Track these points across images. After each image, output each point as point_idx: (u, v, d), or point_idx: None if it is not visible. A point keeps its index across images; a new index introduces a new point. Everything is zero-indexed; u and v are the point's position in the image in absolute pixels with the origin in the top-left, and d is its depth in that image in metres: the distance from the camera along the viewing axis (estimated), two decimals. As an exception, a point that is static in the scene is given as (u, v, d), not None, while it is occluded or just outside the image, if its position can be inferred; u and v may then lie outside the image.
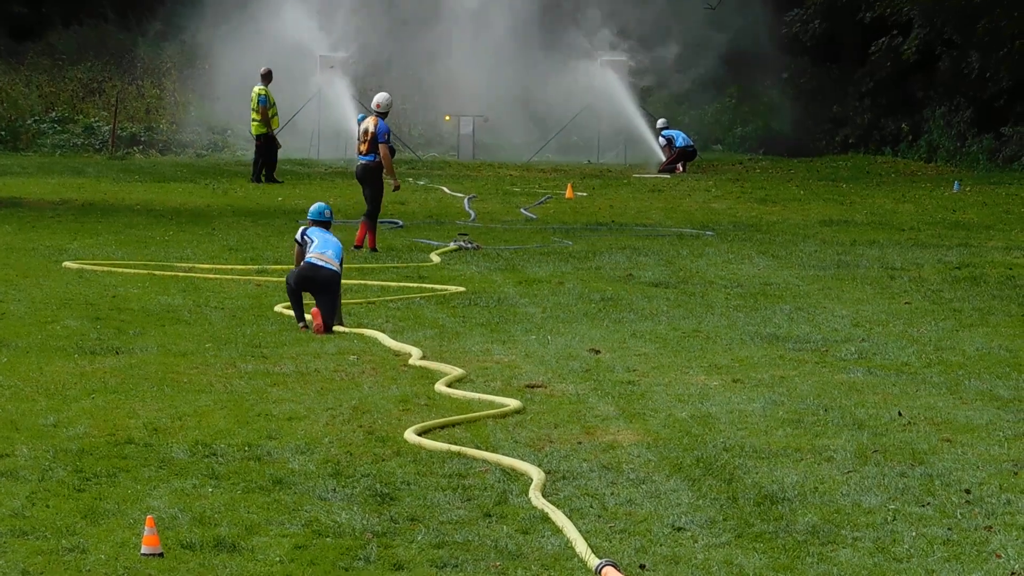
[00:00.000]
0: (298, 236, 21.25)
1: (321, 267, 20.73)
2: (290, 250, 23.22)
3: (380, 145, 29.35)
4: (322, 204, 21.75)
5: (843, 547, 11.90)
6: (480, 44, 53.84)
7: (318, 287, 20.78)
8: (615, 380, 17.65)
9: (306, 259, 20.84)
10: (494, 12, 55.03)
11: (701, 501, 13.02)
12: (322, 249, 20.81)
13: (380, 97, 30.32)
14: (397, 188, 30.10)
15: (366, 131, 29.75)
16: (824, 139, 50.75)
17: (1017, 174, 43.31)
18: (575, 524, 12.12)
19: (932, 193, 40.32)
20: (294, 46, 49.43)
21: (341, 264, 21.10)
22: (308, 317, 20.63)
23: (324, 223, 21.45)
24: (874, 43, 48.98)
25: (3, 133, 49.91)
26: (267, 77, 43.24)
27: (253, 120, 43.39)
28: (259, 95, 42.73)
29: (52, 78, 53.36)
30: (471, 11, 54.75)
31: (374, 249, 29.29)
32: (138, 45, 52.44)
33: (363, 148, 29.91)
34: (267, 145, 42.73)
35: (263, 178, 41.88)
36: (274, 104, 43.14)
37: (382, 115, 29.78)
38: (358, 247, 29.28)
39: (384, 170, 29.46)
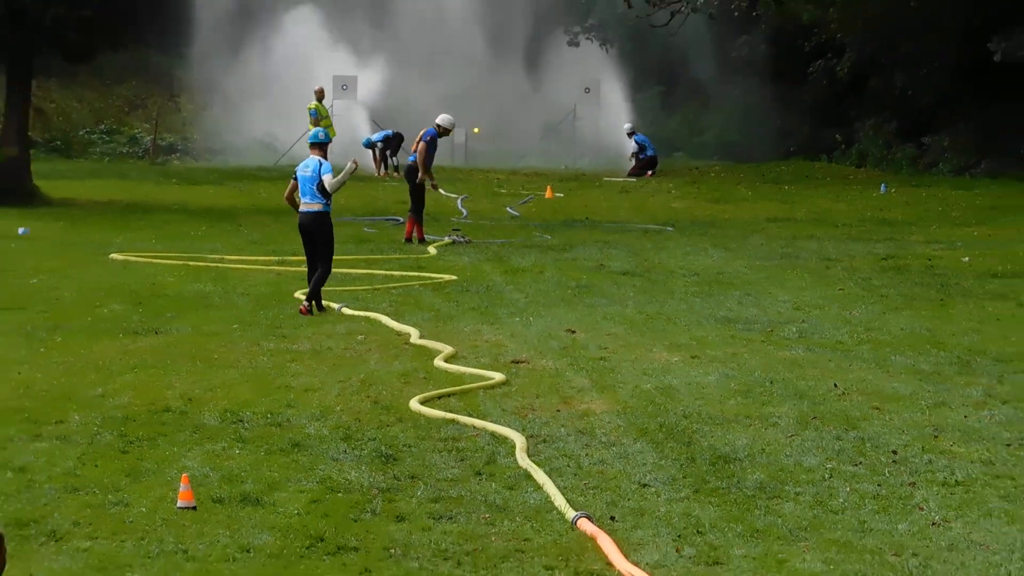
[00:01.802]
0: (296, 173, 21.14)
1: (301, 213, 20.77)
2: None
3: (419, 142, 29.41)
4: (317, 128, 21.59)
5: (787, 501, 11.91)
6: (471, 66, 53.81)
7: (304, 233, 20.85)
8: (589, 356, 17.65)
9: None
10: (485, 39, 55.05)
11: (663, 461, 13.04)
12: (302, 196, 20.75)
13: (441, 117, 30.44)
14: (433, 186, 29.72)
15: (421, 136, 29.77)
16: (770, 147, 50.68)
17: (935, 178, 43.35)
18: (554, 481, 12.16)
19: (863, 194, 40.33)
20: (310, 68, 49.32)
21: (319, 188, 20.61)
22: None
23: (313, 145, 21.25)
24: (812, 65, 48.94)
25: (58, 142, 49.83)
26: (319, 94, 43.05)
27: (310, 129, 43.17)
28: (311, 109, 42.57)
29: (101, 95, 53.27)
30: (463, 37, 54.73)
31: (422, 240, 29.02)
32: (174, 66, 52.26)
33: (413, 148, 29.98)
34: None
35: None
36: (326, 116, 42.87)
37: (438, 128, 29.86)
38: (408, 240, 29.17)
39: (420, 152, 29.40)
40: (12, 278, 23.24)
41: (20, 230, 28.76)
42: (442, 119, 30.12)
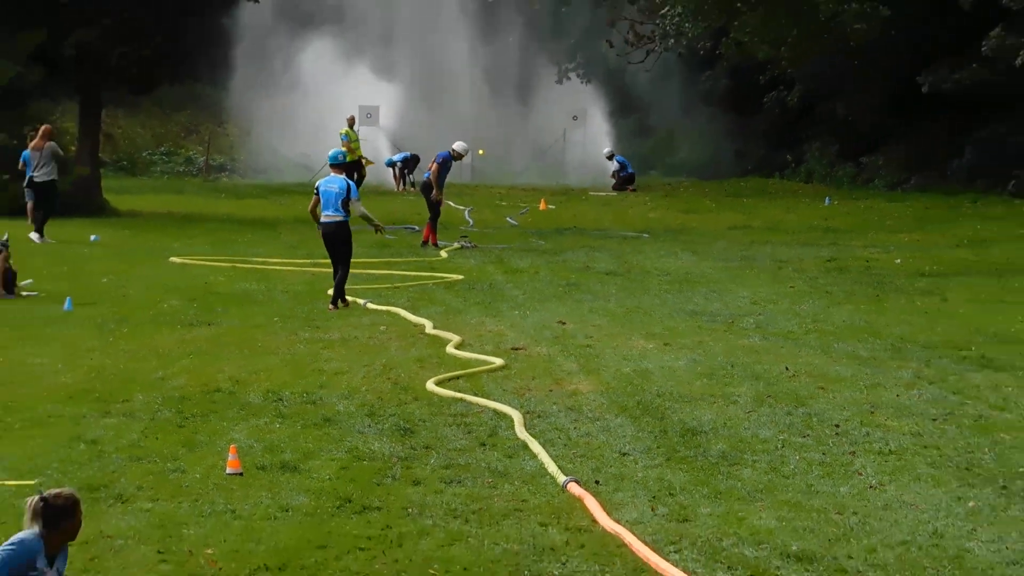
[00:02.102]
0: (315, 187, 21.07)
1: (324, 223, 20.64)
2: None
3: (433, 163, 29.44)
4: (336, 150, 21.63)
5: (745, 467, 11.93)
6: (475, 99, 53.86)
7: (328, 241, 20.69)
8: (577, 344, 17.66)
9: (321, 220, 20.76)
10: (486, 75, 55.11)
11: (640, 434, 13.05)
12: (324, 208, 20.64)
13: (457, 144, 30.44)
14: (437, 200, 29.69)
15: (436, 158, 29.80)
16: (730, 166, 50.76)
17: (872, 192, 43.38)
18: (547, 451, 12.19)
19: (810, 206, 40.35)
20: (339, 97, 49.30)
21: (343, 203, 20.58)
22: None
23: (334, 165, 21.18)
24: (766, 96, 48.96)
25: (125, 163, 49.93)
26: (351, 121, 42.90)
27: (352, 156, 42.83)
28: (342, 134, 42.44)
29: (161, 122, 53.33)
30: (464, 75, 54.78)
31: (435, 245, 29.00)
32: (222, 97, 52.28)
33: (428, 167, 30.01)
34: (352, 170, 42.13)
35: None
36: (356, 140, 42.68)
37: (452, 152, 29.87)
38: (424, 244, 29.17)
39: (433, 171, 29.44)
40: (85, 278, 23.27)
41: (92, 237, 28.81)
42: (457, 145, 30.19)
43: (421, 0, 55.20)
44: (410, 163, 45.35)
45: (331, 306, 20.46)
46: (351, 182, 21.21)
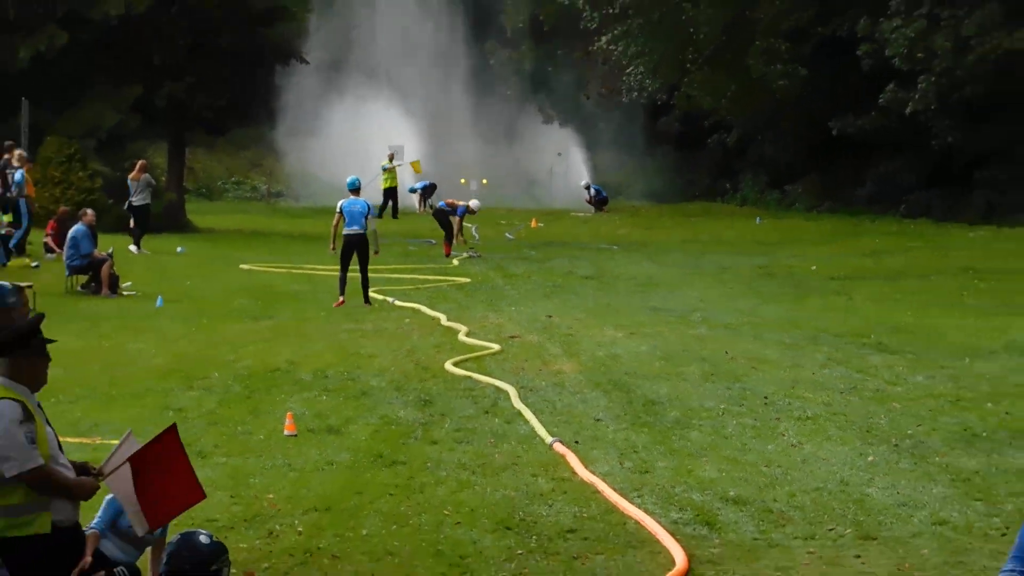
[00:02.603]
0: (338, 207, 20.68)
1: (349, 235, 20.25)
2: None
3: (453, 217, 29.40)
4: (354, 177, 21.58)
5: (693, 430, 11.95)
6: (477, 138, 53.83)
7: (354, 247, 20.29)
8: (561, 333, 17.67)
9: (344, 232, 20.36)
10: (482, 117, 55.04)
11: (611, 404, 13.07)
12: (349, 224, 20.27)
13: (473, 203, 30.85)
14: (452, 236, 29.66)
15: (453, 203, 29.85)
16: (682, 193, 50.68)
17: (794, 213, 43.27)
18: (537, 418, 12.20)
19: (745, 225, 40.27)
20: (372, 135, 49.24)
21: (367, 219, 20.42)
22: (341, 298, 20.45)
23: (354, 190, 20.80)
24: (710, 137, 48.92)
25: (204, 190, 49.83)
26: (391, 156, 42.67)
27: (384, 179, 42.68)
28: (383, 165, 42.18)
29: (232, 157, 53.09)
30: (465, 119, 54.68)
31: (448, 255, 28.73)
32: (280, 136, 52.16)
33: (448, 202, 29.96)
34: (389, 197, 41.94)
35: (382, 214, 40.92)
36: (394, 170, 42.32)
37: (468, 208, 30.12)
38: (447, 256, 28.80)
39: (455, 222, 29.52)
40: (173, 281, 23.26)
41: (178, 249, 28.80)
42: (473, 203, 30.66)
43: (435, 57, 55.02)
44: (428, 190, 45.25)
45: (366, 305, 20.48)
46: (370, 204, 21.04)
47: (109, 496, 7.10)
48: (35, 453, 6.07)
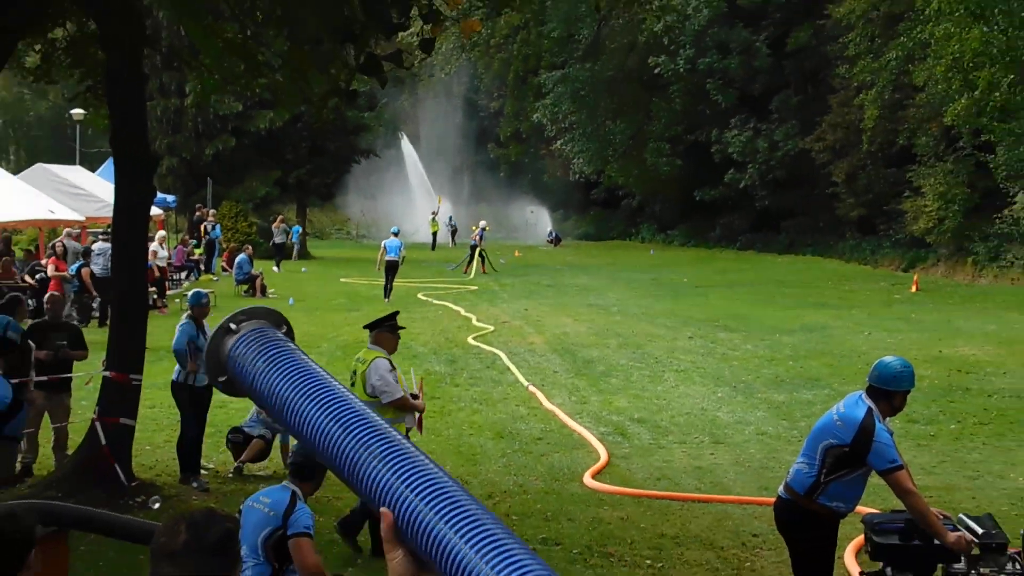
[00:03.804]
0: (382, 245, 20.89)
1: (389, 260, 20.30)
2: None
3: (473, 248, 28.58)
4: (395, 227, 21.47)
5: (612, 378, 11.92)
6: (481, 198, 52.96)
7: (390, 268, 20.29)
8: (533, 320, 17.54)
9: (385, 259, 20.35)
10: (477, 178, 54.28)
11: (565, 363, 13.01)
12: (388, 254, 20.33)
13: (482, 223, 29.94)
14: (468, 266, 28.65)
15: (474, 237, 28.62)
16: (605, 235, 50.17)
17: (674, 247, 42.85)
18: (519, 371, 12.14)
19: (642, 254, 40.04)
20: (415, 193, 48.57)
21: (398, 253, 20.39)
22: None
23: (394, 234, 20.89)
24: (622, 201, 48.48)
25: (318, 233, 47.59)
26: (434, 212, 42.01)
27: (433, 229, 41.56)
28: (433, 213, 41.33)
29: (336, 212, 51.34)
30: (475, 187, 53.96)
31: (466, 272, 27.85)
32: (356, 197, 50.76)
33: (473, 237, 28.86)
34: (434, 236, 41.30)
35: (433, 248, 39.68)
36: (435, 220, 41.70)
37: (484, 228, 29.43)
38: (465, 273, 27.93)
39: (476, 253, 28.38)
40: (300, 288, 23.00)
41: (302, 269, 28.63)
42: (482, 223, 29.80)
43: (456, 152, 54.30)
44: (457, 230, 44.89)
45: (385, 299, 19.91)
46: (401, 243, 20.82)
47: None
48: (398, 388, 6.12)
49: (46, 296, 9.49)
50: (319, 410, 1.24)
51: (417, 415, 6.30)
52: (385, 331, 6.33)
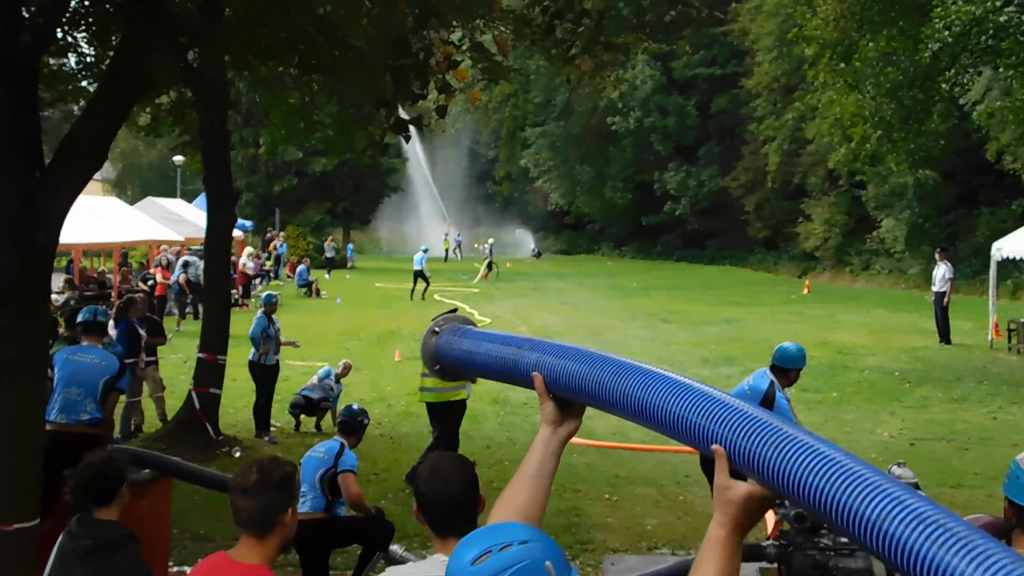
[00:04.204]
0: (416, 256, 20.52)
1: (417, 270, 20.10)
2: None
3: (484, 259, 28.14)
4: (425, 246, 21.18)
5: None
6: (481, 224, 52.31)
7: (415, 276, 20.04)
8: (521, 314, 17.45)
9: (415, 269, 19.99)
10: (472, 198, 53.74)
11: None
12: (415, 264, 20.19)
13: (491, 240, 29.49)
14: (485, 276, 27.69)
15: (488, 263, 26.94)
16: (573, 251, 49.52)
17: (625, 260, 42.34)
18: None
19: (602, 266, 39.86)
20: (433, 218, 48.16)
21: (422, 264, 20.13)
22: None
23: (423, 251, 20.67)
24: (587, 226, 47.92)
25: (359, 248, 46.02)
26: (447, 233, 41.55)
27: (445, 246, 41.10)
28: (446, 234, 40.76)
29: (373, 232, 49.20)
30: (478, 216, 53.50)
31: (485, 279, 27.39)
32: (395, 225, 50.28)
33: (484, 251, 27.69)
34: (446, 252, 40.56)
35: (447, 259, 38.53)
36: (447, 241, 41.16)
37: (491, 245, 28.88)
38: (484, 279, 27.35)
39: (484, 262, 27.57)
40: (345, 290, 22.83)
41: (347, 276, 28.43)
42: (490, 240, 29.34)
43: (463, 187, 53.67)
44: (462, 245, 44.48)
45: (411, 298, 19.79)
46: (424, 258, 20.50)
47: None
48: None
49: (136, 296, 9.35)
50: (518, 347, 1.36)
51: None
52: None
